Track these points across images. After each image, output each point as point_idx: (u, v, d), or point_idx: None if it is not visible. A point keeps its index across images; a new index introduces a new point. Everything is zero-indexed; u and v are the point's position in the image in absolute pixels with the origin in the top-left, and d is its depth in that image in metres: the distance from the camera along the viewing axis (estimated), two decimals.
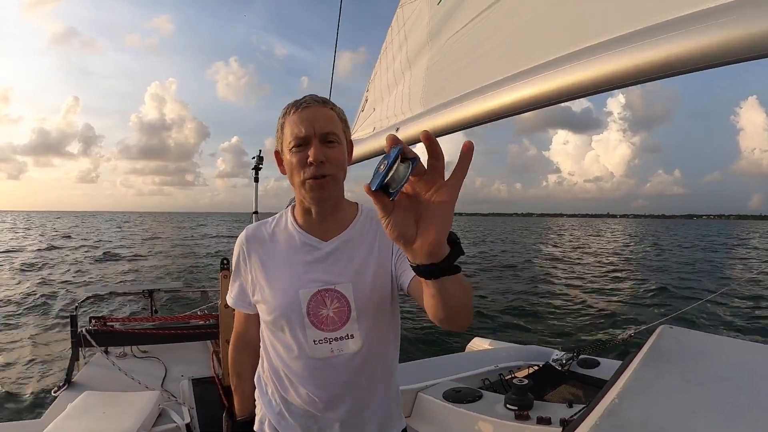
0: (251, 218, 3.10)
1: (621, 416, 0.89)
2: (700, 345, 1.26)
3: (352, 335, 0.93)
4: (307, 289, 0.93)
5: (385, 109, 1.92)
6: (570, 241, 31.78)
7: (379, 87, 2.05)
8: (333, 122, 0.92)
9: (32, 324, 6.67)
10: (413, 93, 1.65)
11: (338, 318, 0.93)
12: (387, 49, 2.03)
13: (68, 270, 12.90)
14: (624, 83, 0.77)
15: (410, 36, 1.78)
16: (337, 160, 0.91)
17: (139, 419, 1.70)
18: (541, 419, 1.54)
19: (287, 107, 0.95)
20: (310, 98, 0.93)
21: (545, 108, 0.99)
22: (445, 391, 1.84)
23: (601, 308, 8.27)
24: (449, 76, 1.42)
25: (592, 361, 2.22)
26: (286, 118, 0.93)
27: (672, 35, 0.69)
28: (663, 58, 0.69)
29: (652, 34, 0.73)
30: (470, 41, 1.33)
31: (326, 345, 0.93)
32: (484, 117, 1.13)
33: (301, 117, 0.90)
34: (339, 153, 0.92)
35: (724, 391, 0.99)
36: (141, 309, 5.79)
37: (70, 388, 2.24)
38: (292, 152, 0.90)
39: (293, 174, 0.92)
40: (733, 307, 7.86)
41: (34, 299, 8.41)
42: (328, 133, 0.90)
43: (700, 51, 0.65)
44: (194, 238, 29.91)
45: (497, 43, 1.20)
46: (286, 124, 0.93)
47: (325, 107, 0.93)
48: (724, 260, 18.11)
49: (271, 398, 1.02)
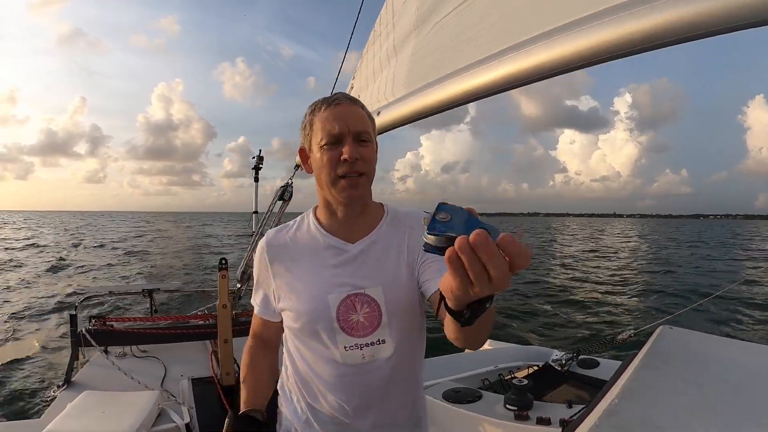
0: (251, 218, 3.10)
1: (621, 417, 0.89)
2: (700, 346, 1.26)
3: (383, 340, 0.90)
4: (336, 294, 0.89)
5: (368, 96, 1.90)
6: (570, 242, 31.76)
7: (364, 74, 2.04)
8: (365, 121, 0.90)
9: (32, 323, 6.68)
10: (397, 79, 1.63)
11: (369, 323, 0.90)
12: (374, 36, 2.01)
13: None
14: (609, 56, 0.76)
15: (398, 24, 1.77)
16: (370, 158, 0.89)
17: (139, 419, 1.70)
18: (540, 419, 1.54)
19: (316, 104, 0.92)
20: (341, 96, 0.91)
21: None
22: (444, 391, 1.84)
23: (601, 308, 8.27)
24: (433, 62, 1.40)
25: (591, 362, 2.22)
26: (316, 115, 0.90)
27: (655, 5, 0.68)
28: (648, 29, 0.68)
29: (635, 5, 0.72)
30: (456, 27, 1.32)
31: (358, 351, 0.90)
32: (466, 96, 1.10)
33: (334, 114, 0.87)
34: (372, 152, 0.90)
35: (724, 392, 0.98)
36: (139, 307, 5.80)
37: (69, 388, 2.24)
38: (324, 149, 0.87)
39: (322, 172, 0.88)
40: (734, 308, 7.86)
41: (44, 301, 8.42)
42: (362, 132, 0.88)
43: (684, 21, 0.64)
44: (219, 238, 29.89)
45: (483, 28, 1.17)
46: (315, 121, 0.89)
47: (356, 106, 0.91)
48: (725, 260, 18.09)
49: (296, 406, 0.98)
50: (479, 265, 0.42)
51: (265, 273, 0.98)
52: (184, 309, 4.29)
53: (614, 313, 7.87)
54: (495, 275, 0.43)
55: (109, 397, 1.89)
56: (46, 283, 10.46)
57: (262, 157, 3.03)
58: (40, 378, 4.44)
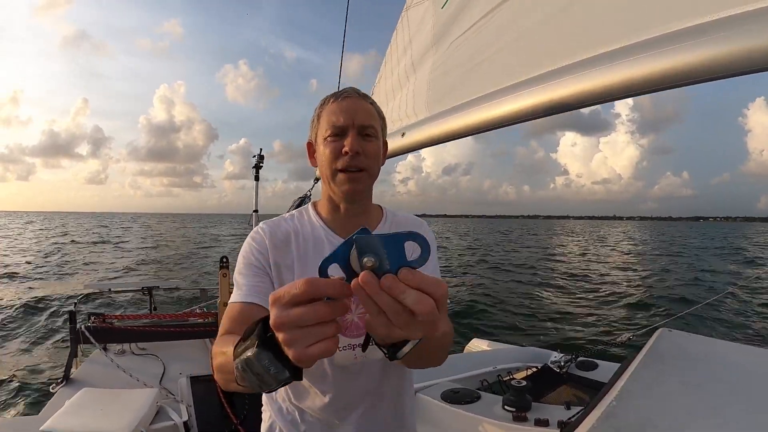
0: (251, 217, 3.10)
1: (619, 419, 0.89)
2: (698, 348, 1.26)
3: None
4: None
5: (389, 113, 1.92)
6: (568, 244, 31.78)
7: (384, 90, 2.06)
8: (372, 116, 0.89)
9: (31, 320, 6.67)
10: (417, 97, 1.65)
11: (363, 323, 0.88)
12: (392, 52, 2.03)
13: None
14: (629, 94, 0.77)
15: (415, 39, 1.79)
16: (373, 153, 0.87)
17: (137, 416, 1.70)
18: (539, 421, 1.54)
19: (326, 98, 0.91)
20: (351, 89, 0.90)
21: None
22: (443, 391, 1.84)
23: (600, 310, 8.27)
24: (453, 81, 1.42)
25: (590, 364, 2.23)
26: (324, 108, 0.89)
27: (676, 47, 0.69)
28: (667, 69, 0.69)
29: (657, 45, 0.73)
30: (474, 45, 1.33)
31: (350, 351, 0.88)
32: (488, 125, 1.13)
33: (340, 106, 0.87)
34: (376, 147, 0.88)
35: (723, 394, 0.99)
36: (140, 306, 5.79)
37: (68, 385, 2.24)
38: (327, 141, 0.87)
39: (324, 165, 0.87)
40: (733, 311, 7.86)
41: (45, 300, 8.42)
42: (367, 126, 0.86)
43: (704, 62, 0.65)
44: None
45: (501, 48, 1.20)
46: (323, 114, 0.89)
47: (365, 99, 0.90)
48: (724, 263, 18.09)
49: (282, 405, 0.96)
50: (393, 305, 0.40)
51: (262, 258, 0.91)
52: (183, 307, 4.29)
53: (613, 315, 7.87)
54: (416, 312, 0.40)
55: (107, 394, 1.89)
56: (45, 281, 10.46)
57: (262, 156, 3.05)
58: (39, 375, 4.44)
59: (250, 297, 0.84)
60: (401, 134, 1.58)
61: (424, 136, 1.44)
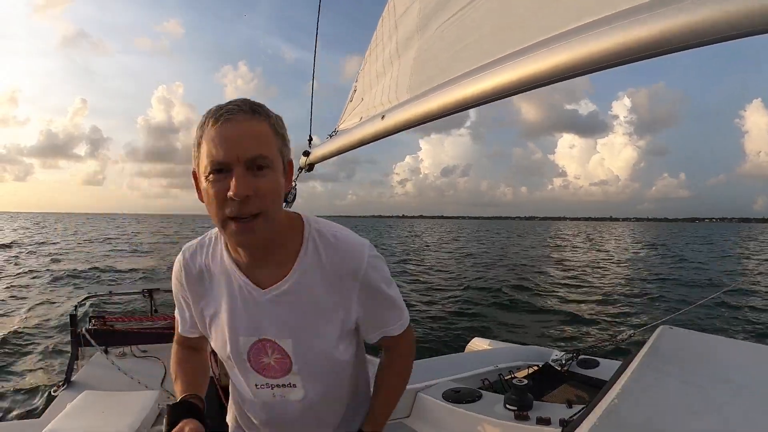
0: None
1: (620, 416, 0.89)
2: (699, 346, 1.26)
3: (294, 384, 0.88)
4: (247, 338, 0.84)
5: (372, 99, 1.90)
6: (565, 244, 31.78)
7: (368, 77, 2.03)
8: (264, 141, 0.72)
9: (31, 322, 6.67)
10: (400, 81, 1.63)
11: (279, 367, 0.86)
12: (377, 39, 2.01)
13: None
14: (612, 63, 0.76)
15: (401, 25, 1.76)
16: (268, 191, 0.71)
17: (139, 419, 1.70)
18: (540, 419, 1.54)
19: (205, 116, 0.73)
20: (235, 106, 0.72)
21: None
22: (444, 391, 1.84)
23: (601, 308, 8.27)
24: (437, 65, 1.39)
25: (591, 362, 2.22)
26: (204, 131, 0.72)
27: (659, 12, 0.68)
28: (651, 36, 0.68)
29: (639, 11, 0.71)
30: (460, 29, 1.31)
31: (268, 390, 0.89)
32: (467, 102, 1.10)
33: (220, 134, 0.69)
34: (271, 182, 0.72)
35: (724, 392, 0.99)
36: (141, 309, 5.79)
37: (69, 388, 2.24)
38: (209, 180, 0.71)
39: (211, 210, 0.72)
40: (733, 308, 7.86)
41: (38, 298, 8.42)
42: (256, 157, 0.70)
43: (685, 28, 0.64)
44: None
45: (487, 32, 1.17)
46: (203, 142, 0.72)
47: (254, 119, 0.71)
48: (724, 261, 18.09)
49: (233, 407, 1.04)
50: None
51: (183, 294, 0.91)
52: None
53: (614, 313, 7.86)
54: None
55: (109, 397, 1.89)
56: (45, 282, 10.46)
57: None
58: (40, 378, 4.43)
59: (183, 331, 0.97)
60: (381, 117, 1.55)
61: (404, 117, 1.40)
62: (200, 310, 0.89)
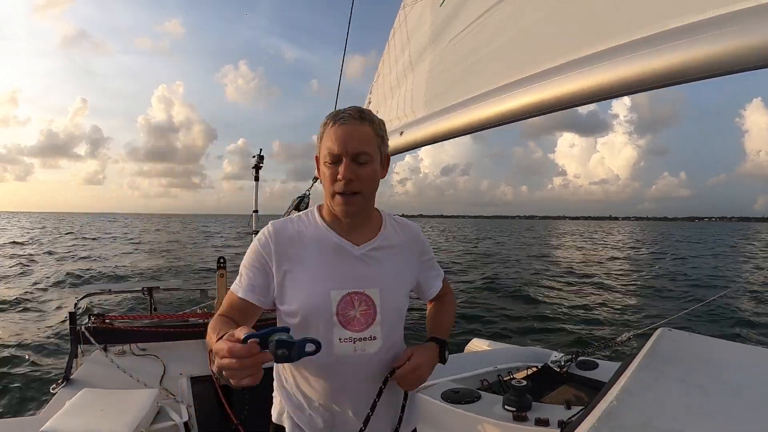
0: (251, 217, 3.10)
1: (619, 418, 0.89)
2: (699, 348, 1.26)
3: (374, 337, 0.99)
4: (339, 290, 0.97)
5: (387, 112, 1.92)
6: (563, 244, 31.76)
7: (382, 89, 2.06)
8: (367, 141, 0.96)
9: (31, 319, 6.67)
10: (416, 96, 1.66)
11: (364, 320, 0.99)
12: (390, 51, 2.03)
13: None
14: (627, 91, 0.77)
15: (413, 38, 1.79)
16: (367, 177, 0.96)
17: (138, 417, 1.70)
18: (539, 420, 1.54)
19: (328, 118, 0.98)
20: (348, 114, 0.96)
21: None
22: (443, 391, 1.84)
23: (601, 310, 8.26)
24: (451, 79, 1.42)
25: (590, 363, 2.22)
26: (326, 129, 0.97)
27: (675, 44, 0.69)
28: (665, 67, 0.69)
29: (654, 43, 0.73)
30: (472, 44, 1.33)
31: (350, 344, 0.97)
32: (486, 123, 1.14)
33: (336, 134, 0.94)
34: (369, 171, 0.96)
35: (723, 394, 0.99)
36: (140, 306, 5.79)
37: (68, 385, 2.24)
38: (326, 165, 0.97)
39: (325, 185, 0.99)
40: (733, 310, 7.85)
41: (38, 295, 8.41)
42: (360, 153, 0.94)
43: (703, 60, 0.65)
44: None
45: (499, 46, 1.20)
46: (324, 137, 0.98)
47: (362, 125, 0.96)
48: (723, 263, 18.09)
49: (290, 391, 1.05)
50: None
51: (266, 259, 1.00)
52: (183, 308, 4.28)
53: (613, 315, 7.86)
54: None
55: (108, 395, 1.89)
56: (45, 280, 10.46)
57: (262, 156, 3.05)
58: (39, 375, 4.43)
59: (245, 294, 0.99)
60: (399, 133, 1.58)
61: (423, 134, 1.44)
62: (283, 273, 0.99)
